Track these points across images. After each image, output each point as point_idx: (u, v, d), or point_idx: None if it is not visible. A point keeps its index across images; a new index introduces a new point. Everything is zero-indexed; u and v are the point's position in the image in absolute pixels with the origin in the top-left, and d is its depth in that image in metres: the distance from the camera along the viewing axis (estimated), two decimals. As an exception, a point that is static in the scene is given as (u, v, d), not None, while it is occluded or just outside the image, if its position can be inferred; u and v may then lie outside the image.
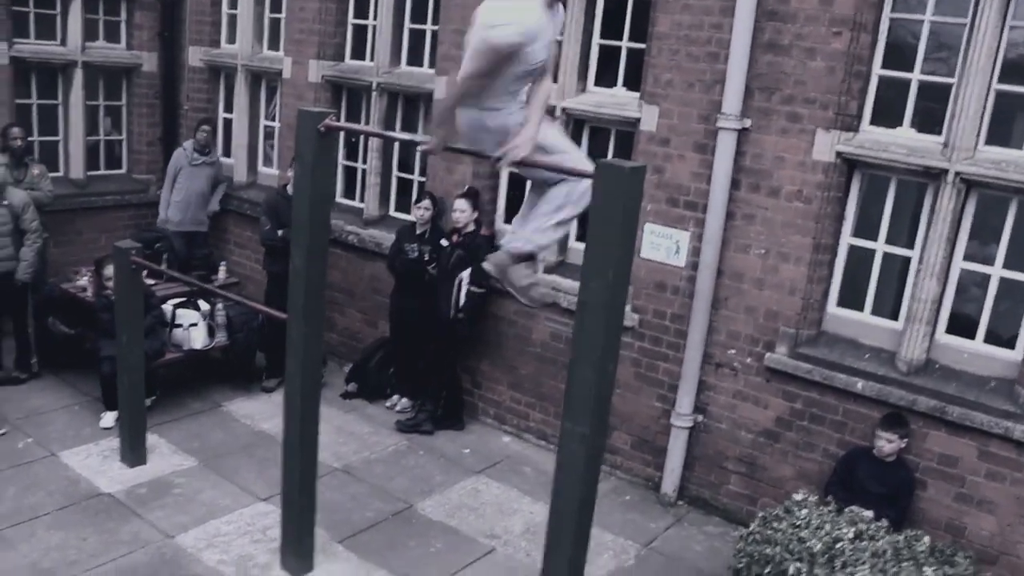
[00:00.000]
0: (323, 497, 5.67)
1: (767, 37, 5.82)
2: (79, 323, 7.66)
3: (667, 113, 6.29)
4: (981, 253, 5.63)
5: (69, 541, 5.46)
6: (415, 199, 7.61)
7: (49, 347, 7.77)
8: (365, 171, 8.45)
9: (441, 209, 7.39)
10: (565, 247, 7.22)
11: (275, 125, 9.26)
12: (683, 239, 6.34)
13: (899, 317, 5.84)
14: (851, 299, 6.06)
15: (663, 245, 6.44)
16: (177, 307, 7.61)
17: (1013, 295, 5.54)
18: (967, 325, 5.69)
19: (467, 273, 6.99)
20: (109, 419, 6.91)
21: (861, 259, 6.00)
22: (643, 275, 6.52)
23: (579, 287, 3.80)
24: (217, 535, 5.68)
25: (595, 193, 3.64)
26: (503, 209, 7.54)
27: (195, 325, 7.56)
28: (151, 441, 6.64)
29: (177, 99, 9.73)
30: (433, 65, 7.68)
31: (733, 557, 5.19)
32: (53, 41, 8.87)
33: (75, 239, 9.10)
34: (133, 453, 6.40)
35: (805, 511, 5.08)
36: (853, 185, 5.88)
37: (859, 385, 5.73)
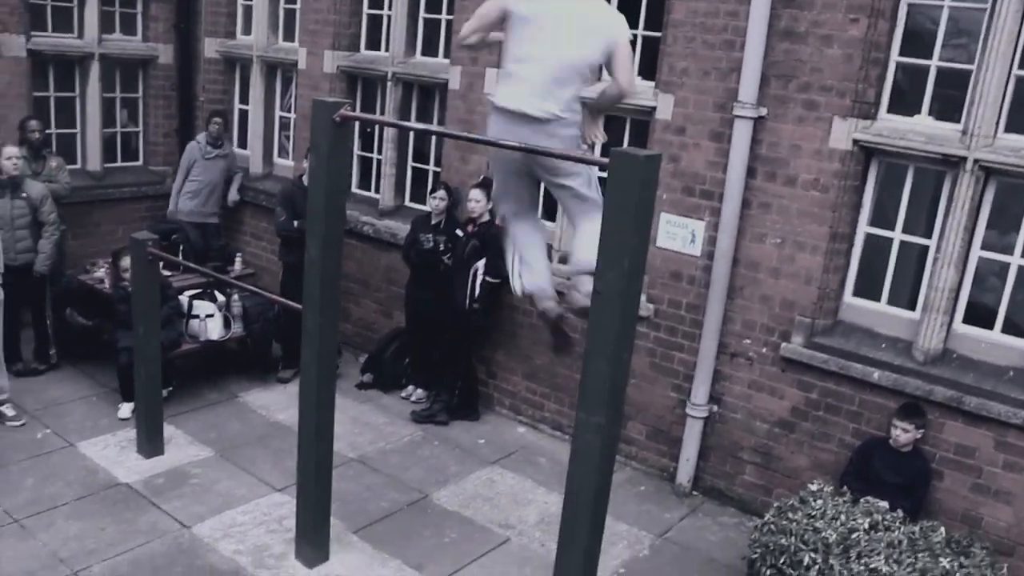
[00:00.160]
0: (338, 487, 5.69)
1: (783, 24, 5.77)
2: (97, 314, 7.70)
3: (683, 102, 6.26)
4: (1000, 242, 5.57)
5: (87, 531, 5.50)
6: (430, 189, 7.61)
7: (67, 338, 7.83)
8: (380, 161, 8.45)
9: (456, 199, 7.39)
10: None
11: (291, 116, 9.27)
12: (699, 228, 6.31)
13: (916, 307, 5.79)
14: (868, 288, 6.02)
15: (679, 234, 6.41)
16: (193, 298, 7.64)
17: (1032, 284, 5.49)
18: (985, 315, 5.63)
19: (482, 263, 6.98)
20: (126, 410, 6.96)
21: (878, 248, 5.95)
22: (658, 264, 6.50)
23: (594, 277, 3.78)
24: (233, 525, 5.71)
25: (610, 182, 3.62)
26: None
27: (211, 316, 7.60)
28: (168, 432, 6.68)
29: (193, 91, 9.76)
30: (448, 55, 7.67)
31: (748, 547, 5.18)
32: (70, 34, 8.90)
33: (93, 231, 9.15)
34: (150, 444, 6.44)
35: (820, 501, 5.07)
36: (870, 173, 5.83)
37: (875, 375, 5.70)
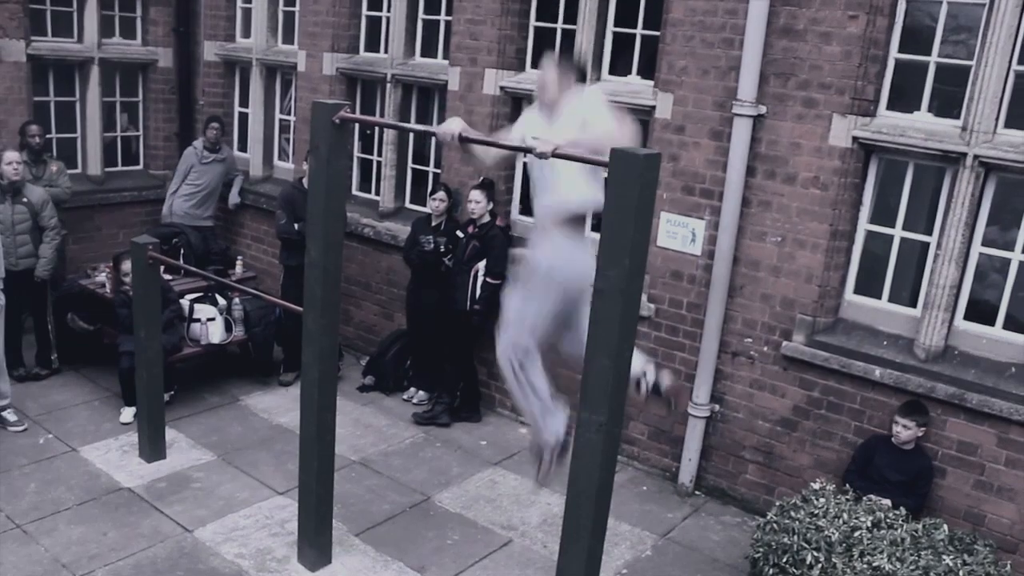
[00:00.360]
0: (340, 490, 5.69)
1: (782, 22, 5.77)
2: (98, 319, 7.71)
3: (682, 100, 6.26)
4: (1000, 238, 5.56)
5: (90, 535, 5.50)
6: (430, 191, 7.60)
7: (68, 343, 7.83)
8: (380, 163, 8.45)
9: (456, 200, 7.39)
10: (581, 237, 7.19)
11: (291, 119, 9.28)
12: (699, 227, 6.31)
13: (917, 304, 5.78)
14: (868, 286, 6.01)
15: (679, 233, 6.41)
16: (194, 302, 7.64)
17: (1033, 280, 5.49)
18: (986, 311, 5.63)
19: (483, 264, 6.98)
20: (128, 414, 6.95)
21: (878, 245, 5.95)
22: (659, 264, 6.50)
23: (595, 275, 3.78)
24: (235, 529, 5.70)
25: (610, 181, 3.62)
26: (518, 199, 7.53)
27: (212, 320, 7.59)
28: (170, 436, 6.68)
29: (193, 94, 9.76)
30: (447, 56, 7.66)
31: (750, 547, 5.18)
32: (70, 38, 8.91)
33: (93, 235, 9.16)
34: (152, 448, 6.44)
35: (823, 500, 5.07)
36: (870, 171, 5.83)
37: (877, 373, 5.69)
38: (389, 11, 8.07)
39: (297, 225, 7.38)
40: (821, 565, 4.69)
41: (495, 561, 5.61)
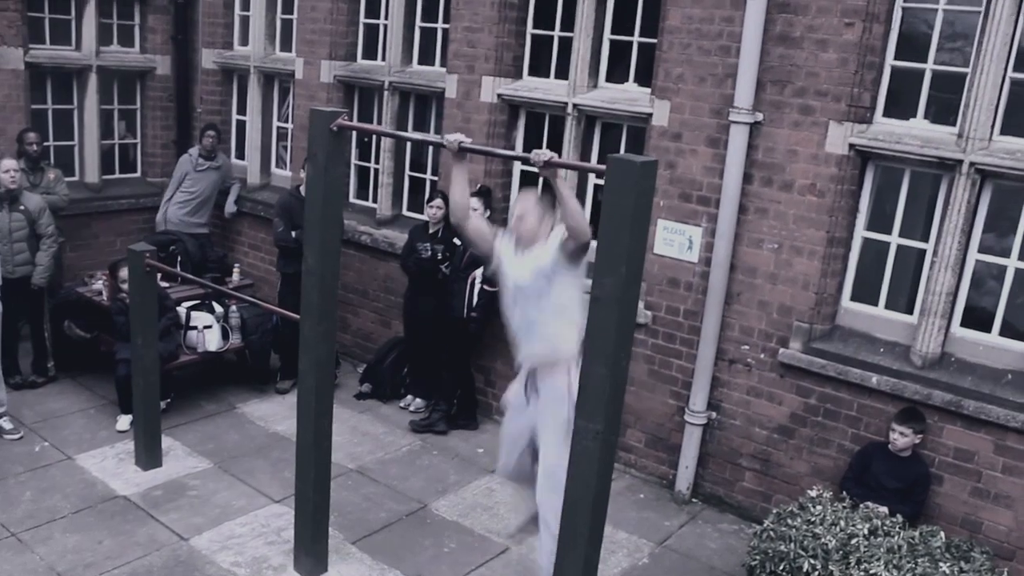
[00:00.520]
0: (337, 498, 5.67)
1: (778, 29, 5.78)
2: (95, 327, 7.71)
3: (679, 108, 6.26)
4: (997, 245, 5.57)
5: (85, 544, 5.48)
6: (427, 198, 7.60)
7: (65, 351, 7.81)
8: (378, 171, 8.45)
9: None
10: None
11: (288, 126, 9.28)
12: (696, 234, 6.31)
13: (914, 311, 5.78)
14: (865, 293, 6.01)
15: (676, 241, 6.41)
16: (191, 309, 7.63)
17: (1030, 287, 5.49)
18: (983, 318, 5.63)
19: (480, 271, 6.97)
20: (125, 422, 6.94)
21: (875, 252, 5.95)
22: (656, 271, 6.50)
23: (591, 283, 3.78)
24: (231, 537, 5.69)
25: (607, 188, 3.62)
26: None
27: (209, 327, 7.58)
28: (166, 443, 6.67)
29: (191, 102, 9.78)
30: (445, 64, 7.67)
31: (747, 554, 5.16)
32: (68, 46, 8.93)
33: (91, 243, 9.16)
34: (148, 456, 6.43)
35: (820, 507, 5.06)
36: (867, 178, 5.83)
37: (874, 380, 5.68)
38: (387, 19, 8.08)
39: (294, 233, 7.38)
40: (818, 572, 4.68)
41: (492, 569, 5.60)
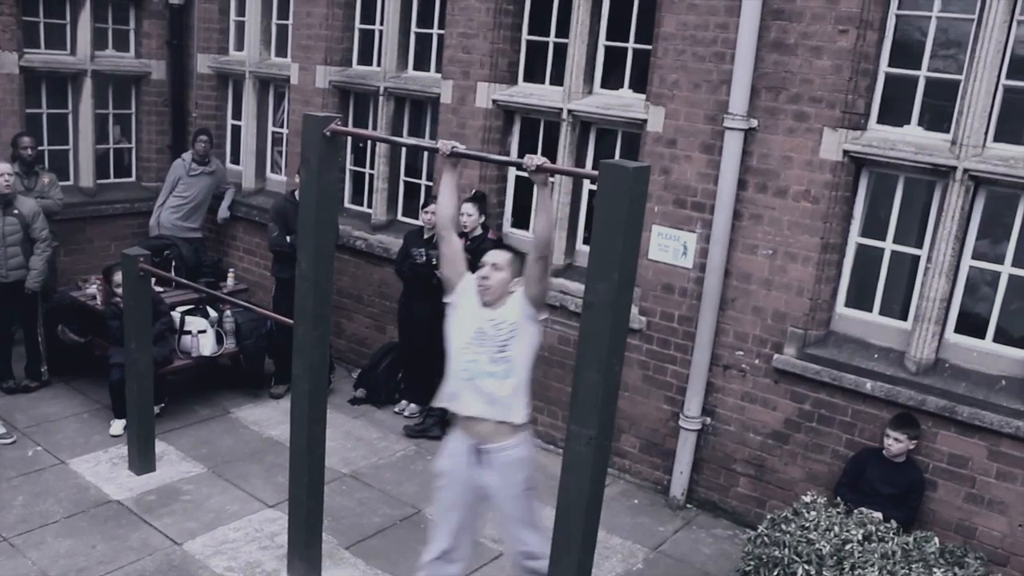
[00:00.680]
0: (331, 503, 5.67)
1: (773, 36, 5.79)
2: (89, 331, 7.69)
3: (673, 114, 6.27)
4: (991, 251, 5.58)
5: (78, 548, 5.47)
6: (422, 203, 7.60)
7: (59, 355, 7.79)
8: (373, 176, 8.46)
9: (448, 213, 7.37)
10: (573, 250, 7.20)
11: (283, 131, 9.28)
12: (690, 240, 6.32)
13: (908, 317, 5.79)
14: (859, 299, 6.02)
15: (670, 247, 6.42)
16: (186, 314, 7.62)
17: (1023, 293, 5.49)
18: (977, 324, 5.64)
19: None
20: (118, 426, 6.92)
21: (869, 259, 5.96)
22: (651, 277, 6.50)
23: (584, 289, 3.78)
24: (225, 542, 5.68)
25: (599, 194, 3.63)
26: (510, 212, 7.54)
27: (204, 332, 7.56)
28: (160, 448, 6.65)
29: (186, 106, 9.78)
30: (440, 69, 7.68)
31: (741, 560, 5.16)
32: (63, 50, 8.93)
33: (85, 247, 9.15)
34: (142, 460, 6.41)
35: (814, 513, 5.05)
36: (861, 184, 5.85)
37: (868, 385, 5.69)
38: (382, 24, 8.09)
39: (289, 238, 7.37)
40: (812, 578, 4.68)
41: (485, 574, 5.58)
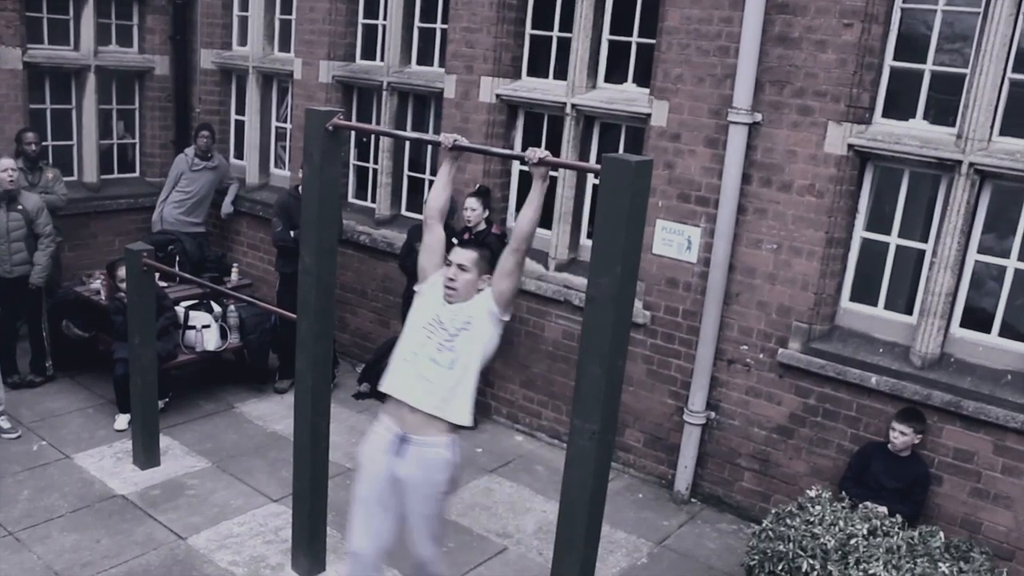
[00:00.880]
0: (335, 497, 5.66)
1: (777, 30, 5.77)
2: (93, 326, 7.70)
3: (677, 108, 6.26)
4: (997, 245, 5.56)
5: (83, 543, 5.48)
6: (426, 198, 7.59)
7: (63, 350, 7.80)
8: (376, 171, 8.45)
9: (452, 208, 7.35)
10: (577, 244, 7.19)
11: (287, 126, 9.27)
12: (695, 235, 6.30)
13: (913, 311, 5.78)
14: (864, 293, 6.00)
15: (675, 241, 6.40)
16: (190, 309, 7.63)
17: (1029, 288, 5.48)
18: (982, 318, 5.62)
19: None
20: (123, 421, 6.93)
21: (874, 253, 5.94)
22: (655, 271, 6.49)
23: (587, 283, 3.77)
24: (229, 536, 5.68)
25: (602, 188, 3.62)
26: (514, 207, 7.53)
27: (208, 327, 7.57)
28: (164, 443, 6.66)
29: (189, 102, 9.78)
30: (443, 64, 7.67)
31: (746, 554, 5.16)
32: (66, 46, 8.93)
33: (89, 242, 9.15)
34: (146, 455, 6.42)
35: (818, 507, 5.04)
36: (866, 178, 5.83)
37: (873, 380, 5.68)
38: (385, 19, 8.08)
39: (293, 232, 7.36)
40: (817, 573, 4.67)
41: (490, 569, 5.59)
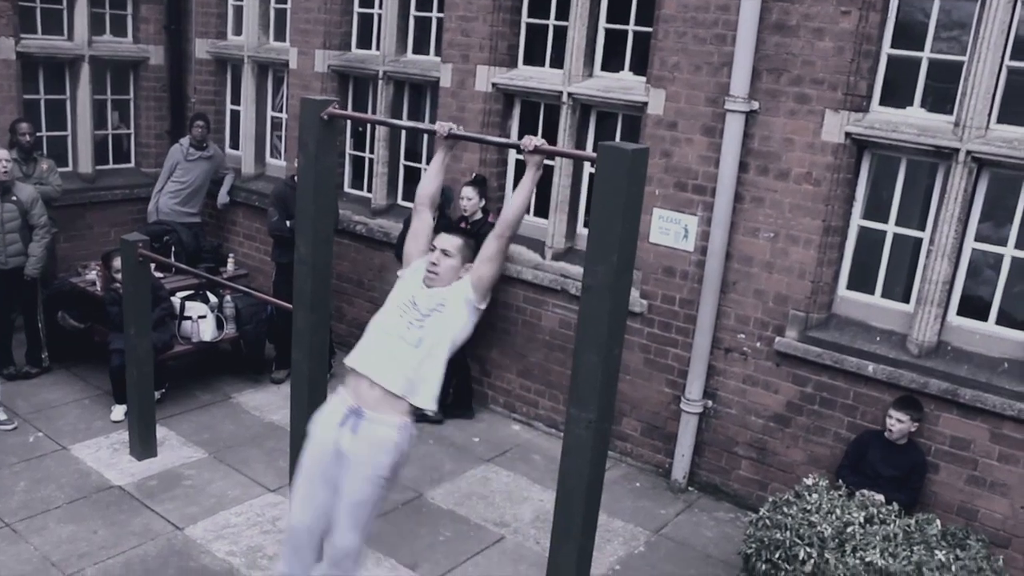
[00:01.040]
0: (332, 487, 5.66)
1: (774, 18, 5.75)
2: (89, 317, 7.68)
3: (674, 96, 6.24)
4: (994, 234, 5.56)
5: (80, 534, 5.47)
6: (421, 187, 7.56)
7: (59, 341, 7.78)
8: (372, 160, 8.43)
9: (448, 197, 7.36)
10: (573, 233, 7.18)
11: (282, 116, 9.24)
12: (691, 223, 6.29)
13: (910, 299, 5.78)
14: (862, 282, 6.00)
15: (672, 230, 6.39)
16: (186, 299, 7.61)
17: (1026, 275, 5.48)
18: (979, 306, 5.62)
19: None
20: (119, 412, 6.92)
21: (871, 241, 5.93)
22: (652, 260, 6.48)
23: (584, 271, 3.76)
24: (227, 526, 5.68)
25: (598, 176, 3.60)
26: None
27: (204, 317, 7.56)
28: (161, 433, 6.65)
29: (184, 92, 9.74)
30: (439, 53, 7.64)
31: (743, 542, 5.16)
32: (60, 36, 8.88)
33: (84, 233, 9.13)
34: (143, 446, 6.41)
35: (815, 496, 5.05)
36: (863, 166, 5.82)
37: (870, 368, 5.68)
38: (381, 8, 8.03)
39: (289, 222, 7.34)
40: (814, 560, 4.67)
41: (487, 558, 5.59)
